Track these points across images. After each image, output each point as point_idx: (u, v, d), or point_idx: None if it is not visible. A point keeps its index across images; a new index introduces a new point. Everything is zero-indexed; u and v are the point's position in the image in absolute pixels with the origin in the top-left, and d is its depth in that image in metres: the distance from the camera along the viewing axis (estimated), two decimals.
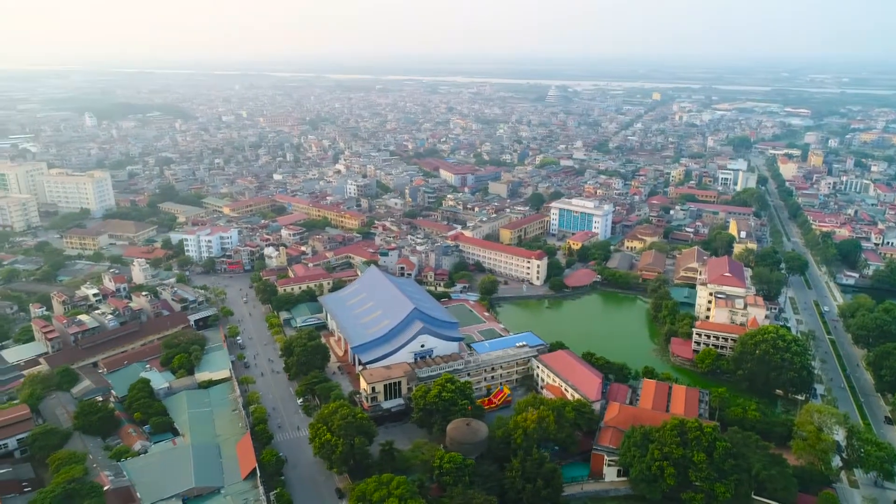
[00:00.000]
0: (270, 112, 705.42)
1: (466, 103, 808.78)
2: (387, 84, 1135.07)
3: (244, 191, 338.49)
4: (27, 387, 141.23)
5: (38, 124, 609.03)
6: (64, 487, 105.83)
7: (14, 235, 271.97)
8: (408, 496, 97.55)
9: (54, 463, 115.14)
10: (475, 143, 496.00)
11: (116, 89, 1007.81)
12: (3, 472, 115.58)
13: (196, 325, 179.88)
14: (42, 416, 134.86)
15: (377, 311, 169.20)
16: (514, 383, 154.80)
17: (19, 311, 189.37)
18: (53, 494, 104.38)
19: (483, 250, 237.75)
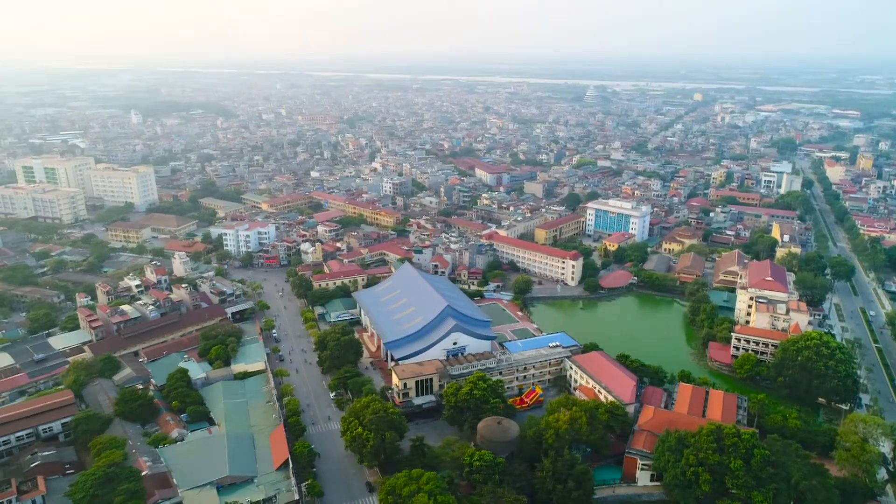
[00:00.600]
0: (309, 110, 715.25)
1: (503, 103, 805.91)
2: (424, 84, 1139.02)
3: (282, 187, 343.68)
4: (71, 373, 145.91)
5: (87, 121, 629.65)
6: (104, 471, 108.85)
7: (62, 227, 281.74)
8: (437, 492, 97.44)
9: (96, 447, 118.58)
10: (511, 142, 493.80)
11: (162, 88, 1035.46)
12: (48, 454, 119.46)
13: (233, 317, 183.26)
14: (85, 401, 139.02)
15: (410, 307, 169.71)
16: (546, 383, 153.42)
17: (66, 301, 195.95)
18: (94, 477, 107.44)
19: (517, 250, 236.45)
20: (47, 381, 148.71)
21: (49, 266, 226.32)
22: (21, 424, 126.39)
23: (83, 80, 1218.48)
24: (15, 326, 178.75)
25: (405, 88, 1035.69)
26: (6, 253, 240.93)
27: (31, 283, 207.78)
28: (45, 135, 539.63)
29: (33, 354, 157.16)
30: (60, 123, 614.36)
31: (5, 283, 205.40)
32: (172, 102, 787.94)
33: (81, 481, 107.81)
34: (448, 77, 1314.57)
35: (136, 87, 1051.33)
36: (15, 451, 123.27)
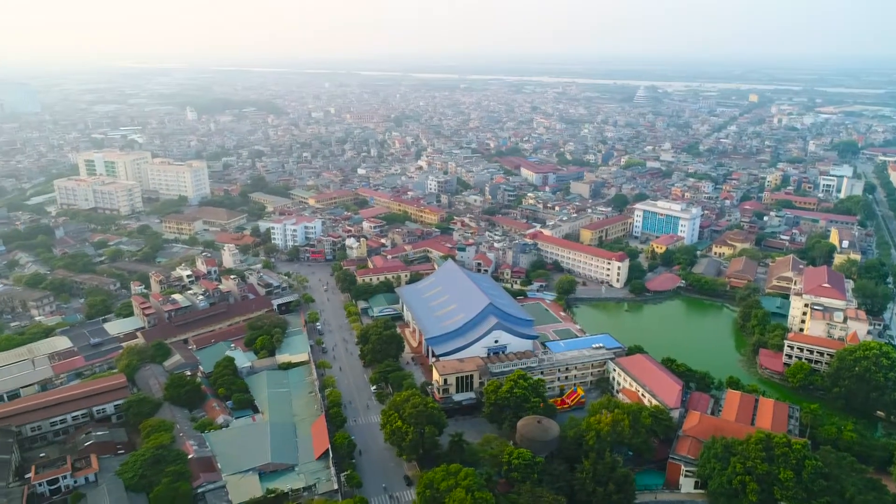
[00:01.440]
0: (357, 109, 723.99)
1: (551, 103, 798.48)
2: (471, 83, 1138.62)
3: (329, 184, 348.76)
4: (125, 358, 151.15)
5: (146, 118, 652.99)
6: (153, 452, 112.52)
7: (120, 219, 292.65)
8: (475, 488, 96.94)
9: (145, 429, 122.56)
10: (558, 142, 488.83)
11: (216, 86, 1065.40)
12: (101, 433, 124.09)
13: (279, 309, 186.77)
14: (137, 385, 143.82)
15: (452, 304, 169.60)
16: (588, 385, 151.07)
17: (121, 288, 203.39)
18: (143, 458, 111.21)
19: (562, 250, 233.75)
20: (102, 364, 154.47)
21: (107, 255, 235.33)
22: (77, 405, 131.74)
23: (142, 78, 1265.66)
24: (74, 311, 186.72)
25: (452, 88, 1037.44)
26: (68, 242, 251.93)
27: (90, 271, 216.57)
28: (106, 130, 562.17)
29: (90, 339, 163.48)
30: (120, 119, 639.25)
31: (66, 271, 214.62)
32: (226, 100, 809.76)
33: (131, 461, 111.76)
34: (495, 77, 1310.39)
35: (191, 86, 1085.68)
36: (71, 430, 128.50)
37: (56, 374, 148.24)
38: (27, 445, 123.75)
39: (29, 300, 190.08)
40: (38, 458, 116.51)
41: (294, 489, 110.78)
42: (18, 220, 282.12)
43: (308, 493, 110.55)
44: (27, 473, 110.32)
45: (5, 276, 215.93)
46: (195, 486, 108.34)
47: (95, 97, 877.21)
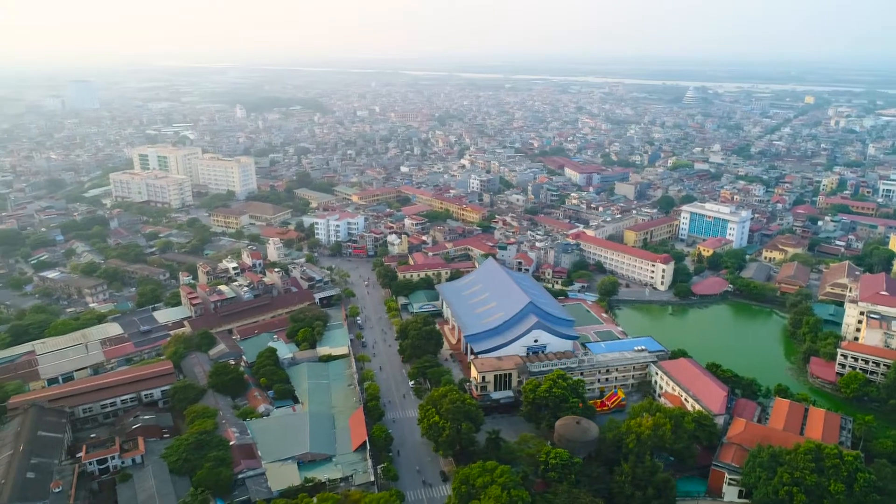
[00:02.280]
0: (402, 108, 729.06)
1: (597, 103, 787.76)
2: (516, 83, 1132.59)
3: (372, 181, 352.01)
4: (172, 345, 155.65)
5: (197, 114, 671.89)
6: (196, 437, 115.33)
7: (171, 211, 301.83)
8: (511, 486, 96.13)
9: (190, 415, 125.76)
10: (604, 142, 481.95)
11: (266, 85, 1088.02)
12: (148, 417, 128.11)
13: (320, 302, 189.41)
14: (183, 372, 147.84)
15: (492, 302, 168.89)
16: (629, 388, 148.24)
17: (170, 278, 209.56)
18: (187, 443, 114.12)
19: (605, 251, 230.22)
20: (150, 351, 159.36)
21: (157, 246, 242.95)
22: (126, 389, 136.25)
23: (195, 77, 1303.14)
24: (125, 300, 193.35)
25: (497, 88, 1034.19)
26: (121, 233, 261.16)
27: (142, 261, 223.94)
28: (159, 126, 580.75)
29: (140, 326, 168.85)
30: (173, 116, 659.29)
31: (119, 260, 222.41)
32: (274, 98, 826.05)
33: (176, 445, 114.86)
34: (541, 77, 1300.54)
35: (243, 84, 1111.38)
36: (120, 412, 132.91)
37: (107, 359, 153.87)
38: (79, 426, 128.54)
39: (84, 287, 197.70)
40: (89, 439, 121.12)
41: (331, 479, 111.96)
42: (76, 212, 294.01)
43: (345, 484, 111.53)
44: (78, 453, 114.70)
45: (63, 264, 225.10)
46: (236, 472, 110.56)
47: (151, 95, 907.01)
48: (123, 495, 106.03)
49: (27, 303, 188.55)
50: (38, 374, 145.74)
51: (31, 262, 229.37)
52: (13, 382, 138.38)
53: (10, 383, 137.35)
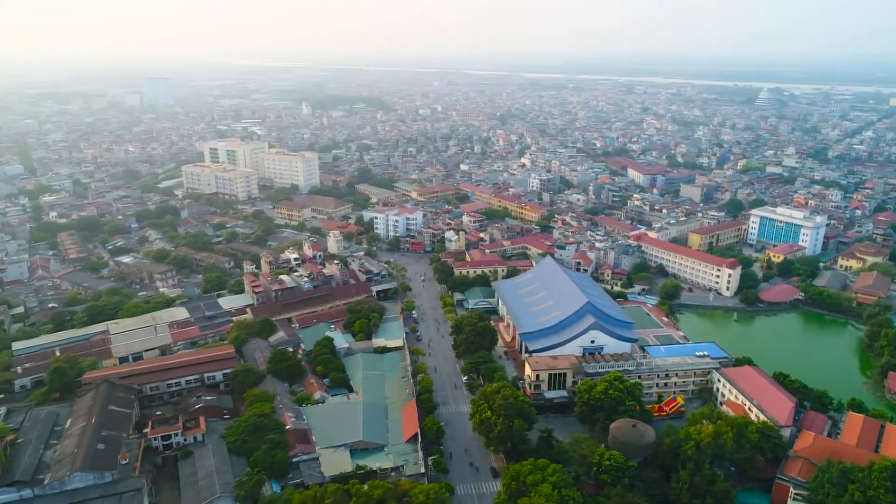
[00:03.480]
0: (463, 107, 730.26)
1: (664, 104, 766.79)
2: (580, 83, 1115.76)
3: (432, 178, 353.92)
4: (234, 331, 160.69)
5: (265, 111, 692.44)
6: (254, 420, 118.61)
7: (237, 203, 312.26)
8: (562, 485, 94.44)
9: (249, 398, 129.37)
10: (669, 144, 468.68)
11: (331, 83, 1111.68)
12: (210, 398, 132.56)
13: (377, 295, 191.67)
14: (243, 357, 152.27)
15: (549, 301, 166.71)
16: (688, 394, 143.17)
17: (235, 267, 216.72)
18: (246, 424, 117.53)
19: (668, 253, 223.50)
20: (214, 335, 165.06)
21: (224, 236, 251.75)
22: (190, 371, 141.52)
23: (264, 75, 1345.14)
24: (192, 286, 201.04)
25: (560, 87, 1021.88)
26: (191, 222, 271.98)
27: (208, 250, 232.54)
28: (229, 122, 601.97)
29: (205, 311, 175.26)
30: (243, 113, 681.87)
31: (188, 248, 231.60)
32: (339, 96, 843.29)
33: (235, 426, 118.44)
34: (606, 77, 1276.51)
35: (309, 83, 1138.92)
36: (184, 392, 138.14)
37: (174, 342, 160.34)
38: (146, 403, 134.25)
39: (155, 273, 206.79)
40: (155, 416, 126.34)
41: (382, 468, 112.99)
42: (150, 201, 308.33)
43: (395, 474, 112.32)
44: (145, 428, 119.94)
45: (136, 250, 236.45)
46: (291, 456, 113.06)
47: (222, 92, 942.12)
48: (184, 471, 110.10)
49: (103, 285, 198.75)
50: (110, 352, 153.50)
51: (108, 247, 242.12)
52: (88, 359, 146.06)
53: (86, 360, 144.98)
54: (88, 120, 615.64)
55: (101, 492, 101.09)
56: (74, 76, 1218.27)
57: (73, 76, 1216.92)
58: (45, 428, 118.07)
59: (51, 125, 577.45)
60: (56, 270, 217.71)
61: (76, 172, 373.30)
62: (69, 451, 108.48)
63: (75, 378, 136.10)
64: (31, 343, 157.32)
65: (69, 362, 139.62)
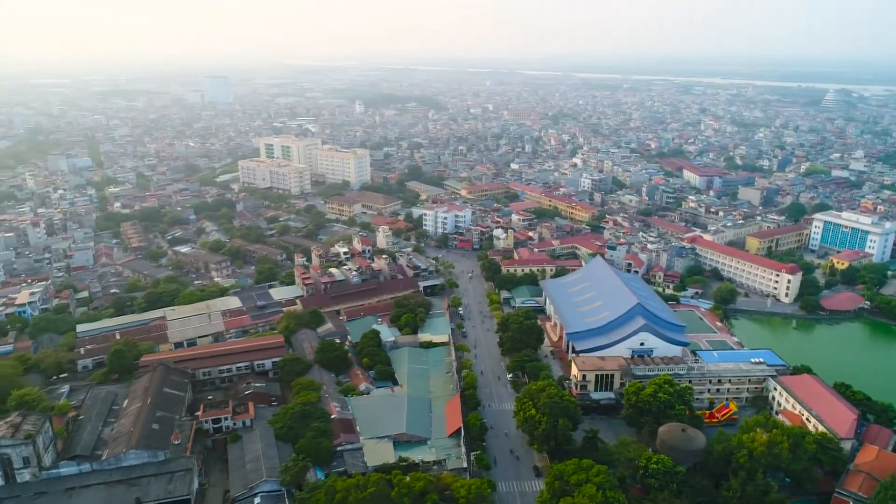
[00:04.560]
0: (515, 106, 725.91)
1: (722, 105, 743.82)
2: (635, 83, 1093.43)
3: (482, 176, 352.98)
4: (284, 321, 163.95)
5: (319, 109, 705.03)
6: (301, 408, 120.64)
7: (290, 198, 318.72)
8: (607, 486, 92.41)
9: (296, 386, 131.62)
10: (728, 145, 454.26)
11: (383, 83, 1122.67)
12: (259, 385, 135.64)
13: (424, 291, 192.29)
14: (292, 346, 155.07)
15: (598, 301, 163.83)
16: (742, 401, 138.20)
17: (286, 259, 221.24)
18: (292, 412, 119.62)
19: (723, 257, 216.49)
20: (265, 325, 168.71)
21: (276, 229, 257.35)
22: (241, 358, 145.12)
23: (319, 74, 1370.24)
24: (245, 276, 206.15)
25: (615, 88, 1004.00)
26: (245, 215, 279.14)
27: (262, 242, 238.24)
28: (284, 119, 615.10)
29: (256, 301, 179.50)
30: (298, 110, 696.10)
31: (242, 240, 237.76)
32: (391, 95, 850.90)
33: (282, 413, 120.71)
34: (662, 77, 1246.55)
35: (362, 82, 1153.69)
36: (234, 378, 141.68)
37: (226, 329, 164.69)
38: (198, 387, 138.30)
39: (210, 263, 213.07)
40: (206, 400, 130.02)
41: (425, 461, 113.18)
42: (208, 194, 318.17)
43: (438, 467, 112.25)
44: (196, 411, 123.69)
45: (193, 241, 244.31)
46: (335, 444, 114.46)
47: (278, 91, 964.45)
48: (233, 454, 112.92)
49: (161, 273, 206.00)
50: (166, 337, 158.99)
51: (167, 237, 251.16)
52: (146, 343, 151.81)
53: (143, 343, 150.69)
54: (152, 116, 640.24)
55: (154, 470, 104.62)
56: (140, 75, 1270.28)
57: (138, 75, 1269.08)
58: (104, 406, 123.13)
59: (117, 121, 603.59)
60: (119, 258, 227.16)
61: (139, 166, 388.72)
62: (125, 429, 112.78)
63: (133, 360, 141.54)
64: (93, 326, 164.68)
65: (128, 345, 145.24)
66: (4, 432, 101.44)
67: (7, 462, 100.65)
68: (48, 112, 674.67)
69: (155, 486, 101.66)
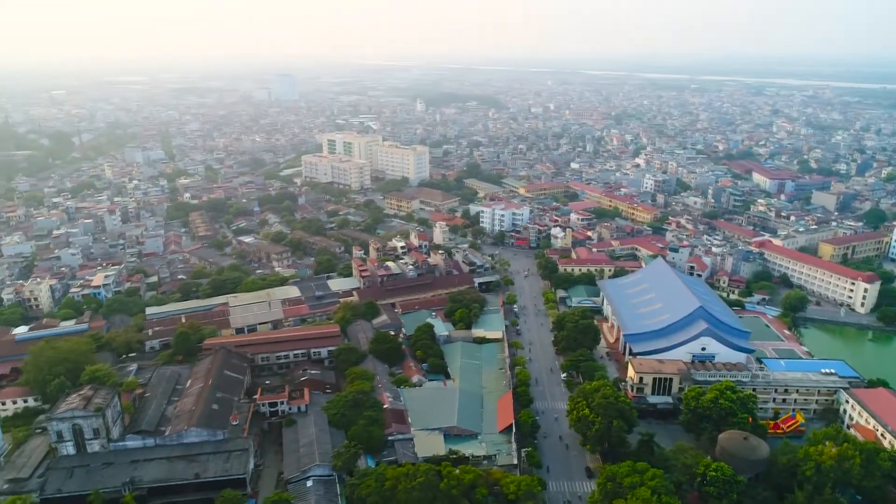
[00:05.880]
0: (577, 106, 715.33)
1: (797, 107, 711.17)
2: (703, 84, 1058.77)
3: (541, 175, 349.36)
4: (341, 311, 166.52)
5: (381, 107, 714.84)
6: (354, 396, 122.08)
7: (350, 193, 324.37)
8: (662, 491, 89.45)
9: (350, 375, 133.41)
10: (802, 148, 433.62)
11: (445, 82, 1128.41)
12: (314, 373, 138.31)
13: (479, 287, 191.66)
14: (347, 336, 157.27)
15: (658, 303, 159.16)
16: (810, 413, 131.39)
17: (344, 252, 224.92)
18: (346, 399, 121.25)
19: (794, 263, 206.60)
20: (322, 314, 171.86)
21: (336, 223, 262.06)
22: (299, 345, 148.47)
23: (382, 74, 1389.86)
24: (305, 267, 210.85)
25: (681, 88, 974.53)
26: (307, 209, 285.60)
27: (321, 234, 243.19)
28: (347, 117, 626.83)
29: (315, 291, 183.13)
30: (360, 108, 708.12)
31: (303, 232, 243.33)
32: (452, 94, 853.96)
33: (336, 400, 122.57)
34: (732, 78, 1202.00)
35: (423, 81, 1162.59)
36: (291, 365, 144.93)
37: (285, 317, 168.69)
38: (256, 372, 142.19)
39: (272, 253, 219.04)
40: (264, 384, 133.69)
41: (475, 455, 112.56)
42: (271, 187, 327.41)
43: (488, 463, 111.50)
44: (254, 394, 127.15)
45: (257, 231, 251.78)
46: (386, 433, 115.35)
47: (342, 89, 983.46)
48: (287, 437, 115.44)
49: (226, 262, 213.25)
50: (228, 322, 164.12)
51: (232, 227, 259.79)
52: (209, 327, 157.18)
53: (207, 328, 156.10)
54: (221, 113, 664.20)
55: (213, 448, 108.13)
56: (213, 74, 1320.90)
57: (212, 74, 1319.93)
58: (168, 385, 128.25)
59: (189, 116, 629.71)
60: (186, 246, 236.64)
61: (208, 159, 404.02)
62: (187, 408, 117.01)
63: (197, 343, 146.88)
64: (161, 309, 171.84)
65: (192, 329, 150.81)
66: (77, 404, 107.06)
67: (79, 432, 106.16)
68: (127, 108, 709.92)
69: (213, 463, 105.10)
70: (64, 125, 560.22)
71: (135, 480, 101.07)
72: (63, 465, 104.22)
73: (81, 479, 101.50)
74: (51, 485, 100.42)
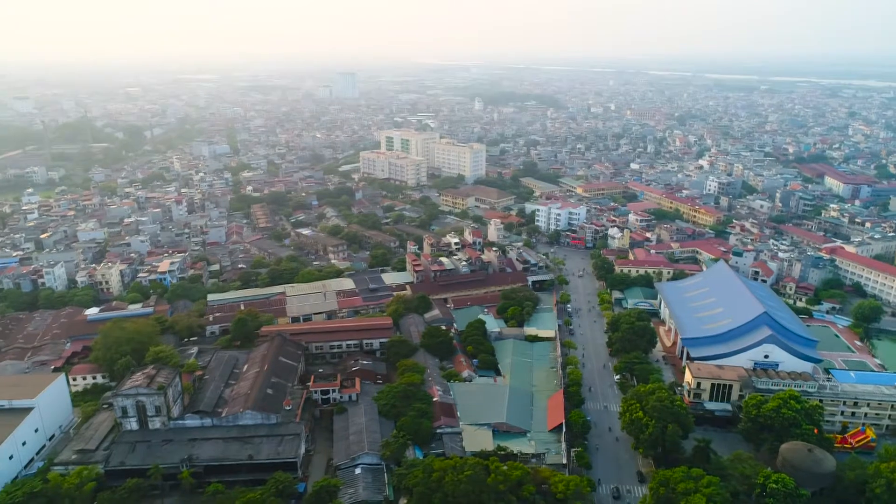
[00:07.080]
0: (639, 106, 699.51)
1: (876, 109, 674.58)
2: (774, 85, 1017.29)
3: (599, 175, 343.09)
4: (393, 304, 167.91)
5: (439, 106, 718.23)
6: (404, 388, 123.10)
7: (406, 189, 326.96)
8: (718, 500, 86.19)
9: (401, 367, 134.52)
10: (880, 152, 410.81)
11: (504, 81, 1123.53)
12: (366, 363, 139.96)
13: (533, 285, 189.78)
14: (399, 329, 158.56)
15: (718, 307, 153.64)
16: (881, 429, 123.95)
17: (399, 247, 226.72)
18: (396, 390, 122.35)
19: (868, 271, 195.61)
20: (375, 307, 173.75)
21: (392, 218, 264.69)
22: (352, 336, 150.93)
23: (441, 73, 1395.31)
24: (360, 260, 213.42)
25: (750, 89, 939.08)
26: (363, 203, 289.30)
27: (377, 229, 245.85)
28: (405, 114, 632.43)
29: (369, 284, 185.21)
30: (419, 106, 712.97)
31: (359, 226, 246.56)
32: (511, 93, 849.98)
33: (386, 391, 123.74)
34: (805, 79, 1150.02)
35: (483, 80, 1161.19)
36: (344, 355, 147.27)
37: (339, 308, 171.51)
38: (310, 360, 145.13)
39: (328, 245, 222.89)
40: (317, 372, 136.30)
41: (523, 452, 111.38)
42: (330, 182, 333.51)
43: (536, 461, 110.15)
44: (308, 382, 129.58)
45: (314, 224, 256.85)
46: (435, 426, 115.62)
47: (401, 88, 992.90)
48: (338, 425, 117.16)
49: (284, 252, 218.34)
50: (285, 311, 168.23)
51: (291, 220, 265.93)
52: (266, 315, 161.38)
53: (264, 315, 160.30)
54: (284, 109, 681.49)
55: (266, 431, 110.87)
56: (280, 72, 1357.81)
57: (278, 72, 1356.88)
58: (226, 369, 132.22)
59: (254, 113, 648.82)
60: (247, 236, 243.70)
61: (270, 154, 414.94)
62: (243, 391, 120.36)
63: (254, 330, 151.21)
64: (222, 296, 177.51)
65: (250, 316, 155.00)
66: (141, 382, 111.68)
67: (142, 409, 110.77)
68: (196, 104, 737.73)
69: (266, 446, 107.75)
70: (137, 120, 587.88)
71: (192, 458, 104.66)
72: (126, 440, 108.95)
73: (143, 454, 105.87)
74: (115, 457, 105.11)
